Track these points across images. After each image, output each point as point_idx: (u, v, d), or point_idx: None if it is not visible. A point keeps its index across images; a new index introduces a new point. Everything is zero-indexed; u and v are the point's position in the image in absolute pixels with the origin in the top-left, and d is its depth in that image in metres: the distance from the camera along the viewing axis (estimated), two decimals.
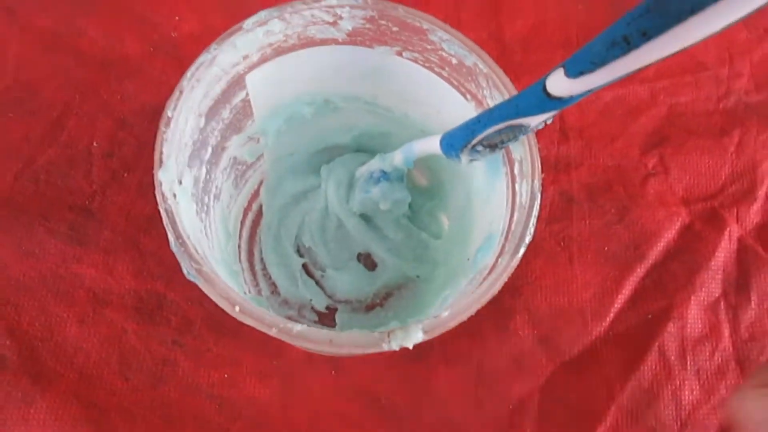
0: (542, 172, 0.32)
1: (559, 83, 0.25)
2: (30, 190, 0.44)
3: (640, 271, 0.46)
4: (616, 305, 0.45)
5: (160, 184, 0.29)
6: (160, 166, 0.29)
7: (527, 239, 0.30)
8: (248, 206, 0.45)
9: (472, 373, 0.43)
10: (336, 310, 0.44)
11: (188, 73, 0.31)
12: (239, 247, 0.44)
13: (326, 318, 0.44)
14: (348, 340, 0.28)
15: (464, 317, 0.28)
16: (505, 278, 0.29)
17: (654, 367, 0.44)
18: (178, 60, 0.50)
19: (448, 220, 0.45)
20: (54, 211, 0.44)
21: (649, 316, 0.45)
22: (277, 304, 0.44)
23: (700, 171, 0.49)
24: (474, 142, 0.31)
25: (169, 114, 0.30)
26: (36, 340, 0.41)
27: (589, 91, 0.24)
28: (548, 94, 0.26)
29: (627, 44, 0.21)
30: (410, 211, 0.45)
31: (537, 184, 0.31)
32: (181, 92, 0.31)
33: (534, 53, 0.52)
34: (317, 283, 0.45)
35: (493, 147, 0.31)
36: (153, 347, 0.42)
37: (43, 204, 0.44)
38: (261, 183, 0.45)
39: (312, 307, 0.44)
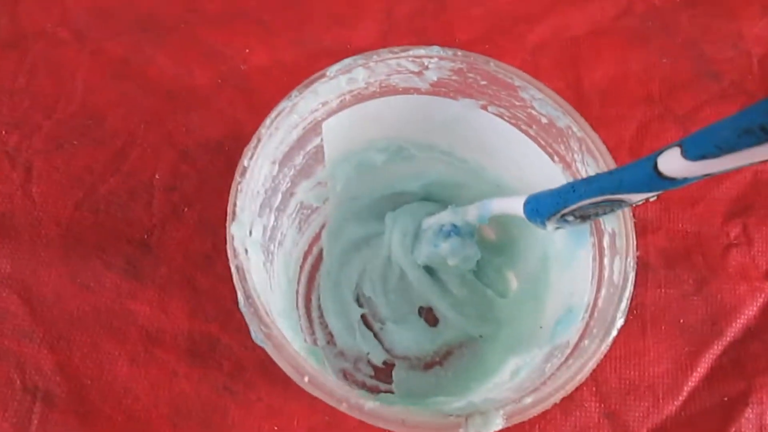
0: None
1: (673, 163, 0.23)
2: (89, 221, 0.44)
3: (716, 348, 0.43)
4: (689, 383, 0.42)
5: (232, 239, 0.28)
6: (233, 219, 0.28)
7: (619, 323, 0.28)
8: (308, 250, 0.44)
9: None
10: (393, 365, 0.42)
11: (267, 121, 0.30)
12: (297, 292, 0.42)
13: (382, 373, 0.42)
14: (422, 420, 0.26)
15: (547, 405, 0.26)
16: (593, 365, 0.27)
17: None
18: (246, 93, 0.49)
19: (517, 279, 0.43)
20: (111, 243, 0.43)
21: (725, 398, 0.42)
22: (333, 356, 0.42)
23: None
24: (565, 211, 0.29)
25: (246, 164, 0.29)
26: (86, 378, 0.40)
27: (707, 175, 0.22)
28: (659, 173, 0.24)
29: (764, 134, 0.19)
30: (476, 265, 0.43)
31: (631, 262, 0.29)
32: (259, 140, 0.29)
33: (613, 107, 0.50)
34: (376, 335, 0.43)
35: (584, 218, 0.29)
36: (203, 393, 0.40)
37: (101, 235, 0.43)
38: (323, 226, 0.44)
39: (368, 361, 0.42)
